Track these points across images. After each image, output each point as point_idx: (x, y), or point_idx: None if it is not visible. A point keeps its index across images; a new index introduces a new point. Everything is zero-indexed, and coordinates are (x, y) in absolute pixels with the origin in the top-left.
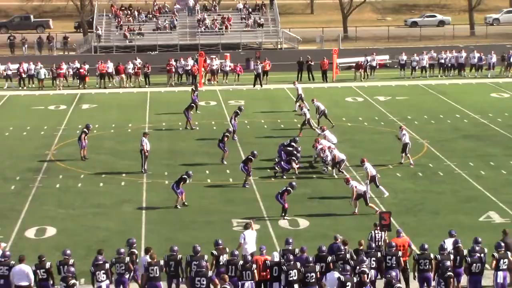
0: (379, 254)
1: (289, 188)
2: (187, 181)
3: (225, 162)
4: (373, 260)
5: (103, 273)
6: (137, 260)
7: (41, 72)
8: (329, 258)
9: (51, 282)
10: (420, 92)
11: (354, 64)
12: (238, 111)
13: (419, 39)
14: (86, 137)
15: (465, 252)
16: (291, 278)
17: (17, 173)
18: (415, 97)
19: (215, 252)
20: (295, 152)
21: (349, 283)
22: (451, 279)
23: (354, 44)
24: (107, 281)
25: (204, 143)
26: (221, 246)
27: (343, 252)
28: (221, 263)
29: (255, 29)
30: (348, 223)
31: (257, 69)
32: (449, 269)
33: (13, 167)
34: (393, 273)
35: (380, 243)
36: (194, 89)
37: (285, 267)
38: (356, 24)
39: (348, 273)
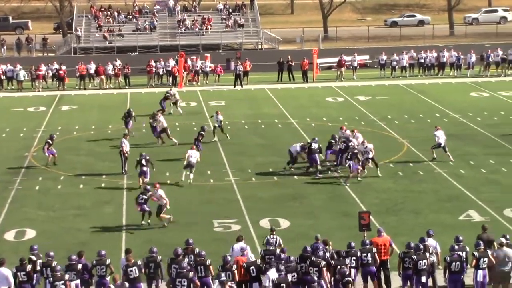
0: (359, 253)
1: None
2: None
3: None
4: (353, 260)
5: (74, 274)
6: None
7: (20, 74)
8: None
9: (32, 284)
10: (400, 91)
11: (335, 64)
12: (203, 132)
13: (399, 39)
14: (50, 147)
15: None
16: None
17: None
18: (395, 97)
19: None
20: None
21: (283, 284)
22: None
23: (334, 44)
24: (77, 281)
25: (184, 144)
26: (190, 246)
27: (321, 252)
28: (185, 263)
29: (236, 29)
30: (329, 223)
31: (237, 69)
32: (425, 268)
33: None
34: (345, 269)
35: (275, 248)
36: (167, 95)
37: (266, 268)
38: (336, 24)
39: (283, 273)
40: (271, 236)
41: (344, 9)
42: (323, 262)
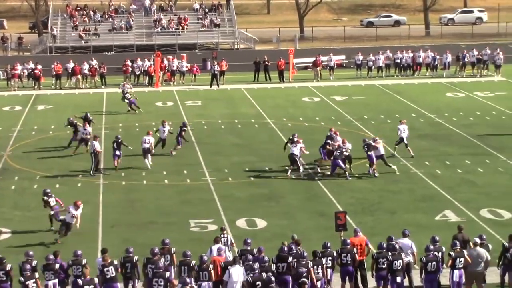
0: (335, 253)
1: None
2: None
3: (173, 153)
4: (329, 260)
5: (52, 273)
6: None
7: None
8: (290, 258)
9: (10, 283)
10: (377, 92)
11: (311, 64)
12: (184, 127)
13: (375, 39)
14: None
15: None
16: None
17: None
18: (372, 97)
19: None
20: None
21: (259, 283)
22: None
23: (310, 44)
24: (55, 280)
25: (160, 144)
26: (167, 246)
27: (294, 252)
28: (161, 263)
29: (212, 29)
30: (305, 223)
31: (213, 69)
32: (400, 268)
33: None
34: (303, 269)
35: (229, 248)
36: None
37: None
38: (313, 24)
39: (257, 271)
40: (222, 235)
41: (320, 9)
42: (311, 263)
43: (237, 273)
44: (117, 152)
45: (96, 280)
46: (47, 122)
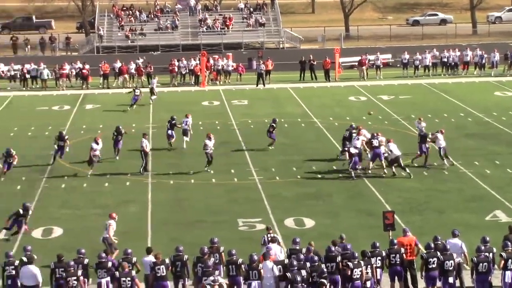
0: (384, 253)
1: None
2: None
3: (270, 147)
4: (379, 259)
5: (104, 271)
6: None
7: (44, 73)
8: (338, 258)
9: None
10: (423, 91)
11: (356, 63)
12: (274, 124)
13: (421, 37)
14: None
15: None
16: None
17: (23, 173)
18: (419, 96)
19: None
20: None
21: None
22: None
23: (356, 43)
24: (108, 278)
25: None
26: (216, 245)
27: (349, 252)
28: (210, 262)
29: (257, 28)
30: (352, 222)
31: (259, 68)
32: (452, 269)
33: (19, 167)
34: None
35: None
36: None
37: (294, 267)
38: (358, 23)
39: (296, 268)
40: (268, 234)
41: (365, 8)
42: (362, 263)
43: (268, 268)
44: (169, 132)
45: (133, 273)
46: (95, 121)
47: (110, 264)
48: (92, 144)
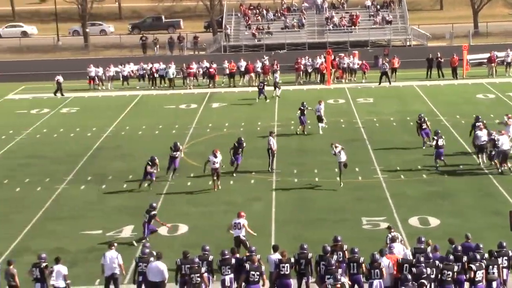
0: (510, 253)
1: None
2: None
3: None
4: (505, 259)
5: (228, 268)
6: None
7: (170, 72)
8: (465, 258)
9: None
10: None
11: (485, 60)
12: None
13: None
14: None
15: None
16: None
17: None
18: None
19: None
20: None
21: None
22: None
23: (485, 40)
24: (231, 275)
25: (332, 141)
26: (339, 243)
27: (481, 251)
28: (333, 261)
29: (383, 26)
30: (479, 222)
31: (383, 67)
32: None
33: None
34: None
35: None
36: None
37: (421, 263)
38: (487, 19)
39: (423, 265)
40: (390, 233)
41: (495, 4)
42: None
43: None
44: (302, 118)
45: (263, 268)
46: (221, 119)
47: (233, 260)
48: (209, 157)
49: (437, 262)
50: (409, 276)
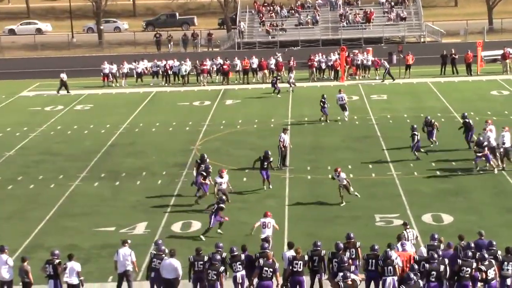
0: None
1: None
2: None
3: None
4: None
5: (239, 264)
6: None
7: (182, 69)
8: (478, 255)
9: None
10: None
11: (499, 56)
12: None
13: None
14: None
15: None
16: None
17: (164, 168)
18: None
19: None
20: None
21: (434, 272)
22: None
23: (499, 36)
24: (243, 272)
25: (346, 138)
26: (352, 240)
27: (495, 248)
28: (346, 258)
29: (398, 23)
30: (494, 220)
31: (385, 65)
32: None
33: (160, 162)
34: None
35: (413, 242)
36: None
37: (433, 263)
38: (502, 15)
39: (436, 261)
40: (405, 230)
41: (510, 1)
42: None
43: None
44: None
45: (277, 265)
46: (234, 116)
47: (243, 257)
48: (215, 178)
49: (446, 260)
50: (412, 275)
